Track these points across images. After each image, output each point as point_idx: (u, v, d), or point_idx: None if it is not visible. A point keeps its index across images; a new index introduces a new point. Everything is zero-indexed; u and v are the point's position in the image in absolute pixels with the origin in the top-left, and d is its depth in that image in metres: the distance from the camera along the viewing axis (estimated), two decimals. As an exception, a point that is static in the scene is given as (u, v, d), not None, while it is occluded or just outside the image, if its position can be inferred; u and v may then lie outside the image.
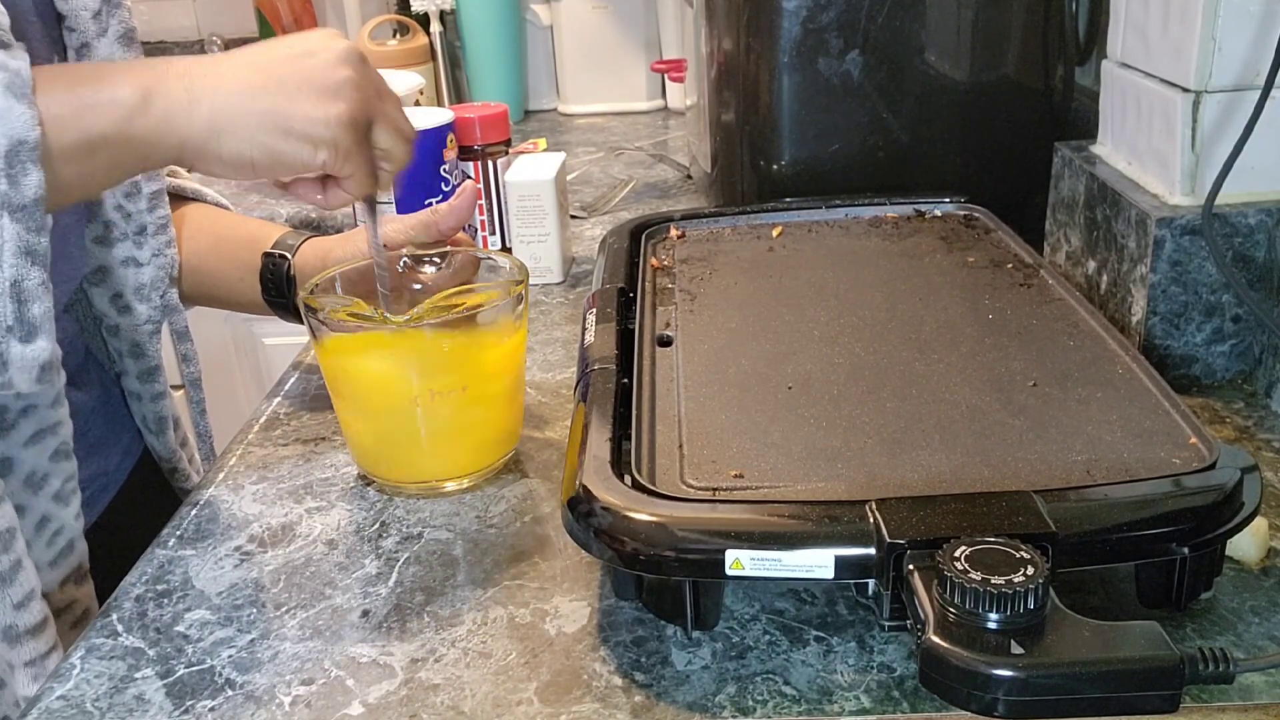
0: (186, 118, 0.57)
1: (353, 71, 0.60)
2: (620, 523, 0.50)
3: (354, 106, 0.60)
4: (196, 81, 0.58)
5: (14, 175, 0.54)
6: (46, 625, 0.64)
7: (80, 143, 0.56)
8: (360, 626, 0.57)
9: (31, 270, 0.55)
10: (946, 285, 0.73)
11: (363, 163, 0.62)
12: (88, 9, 0.69)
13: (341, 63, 0.60)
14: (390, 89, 0.64)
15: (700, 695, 0.50)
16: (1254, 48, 0.68)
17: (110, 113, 0.56)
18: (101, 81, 0.57)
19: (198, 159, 0.59)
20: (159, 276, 0.78)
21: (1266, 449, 0.67)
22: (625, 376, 0.63)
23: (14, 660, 0.63)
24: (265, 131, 0.58)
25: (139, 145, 0.58)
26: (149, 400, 0.81)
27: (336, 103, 0.59)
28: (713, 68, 1.01)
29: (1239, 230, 0.70)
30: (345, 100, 0.59)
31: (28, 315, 0.56)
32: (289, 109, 0.58)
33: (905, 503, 0.49)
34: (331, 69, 0.60)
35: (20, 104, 0.54)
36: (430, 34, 1.66)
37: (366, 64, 0.62)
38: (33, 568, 0.64)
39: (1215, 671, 0.43)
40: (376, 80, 0.63)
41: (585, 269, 1.05)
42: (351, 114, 0.60)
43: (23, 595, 0.63)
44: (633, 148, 1.45)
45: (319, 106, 0.59)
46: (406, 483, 0.69)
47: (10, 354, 0.56)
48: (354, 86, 0.60)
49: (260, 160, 0.59)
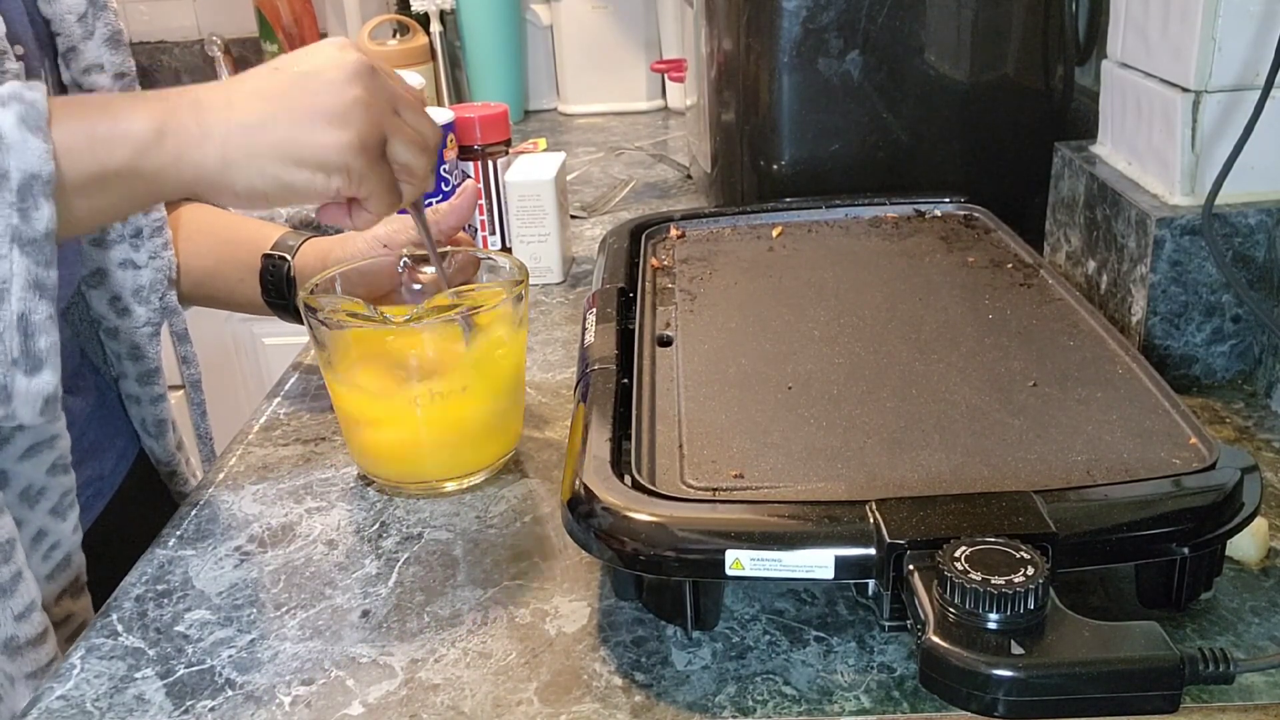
0: (199, 152, 0.57)
1: (362, 90, 0.58)
2: (620, 523, 0.50)
3: (364, 129, 0.58)
4: (207, 114, 0.57)
5: (26, 209, 0.53)
6: (47, 637, 0.64)
7: (93, 177, 0.56)
8: (360, 626, 0.57)
9: (39, 304, 0.55)
10: (946, 285, 0.73)
11: (380, 183, 0.60)
12: (73, 12, 0.69)
13: (350, 82, 0.58)
14: (408, 93, 0.62)
15: (700, 695, 0.50)
16: (1254, 48, 0.68)
17: (123, 147, 0.56)
18: (114, 114, 0.57)
19: (210, 192, 0.58)
20: (157, 279, 0.78)
21: (1266, 449, 0.67)
22: (625, 376, 0.63)
23: (14, 673, 0.63)
24: (276, 164, 0.57)
25: (151, 180, 0.57)
26: (148, 403, 0.81)
27: (346, 128, 0.58)
28: (713, 68, 1.01)
29: (1239, 230, 0.70)
30: (355, 124, 0.58)
31: (34, 349, 0.55)
32: (298, 138, 0.57)
33: (905, 503, 0.49)
34: (340, 91, 0.58)
35: (35, 137, 0.53)
36: (430, 34, 1.66)
37: (377, 76, 0.60)
38: (33, 579, 0.63)
39: (1215, 672, 0.43)
40: (389, 92, 0.60)
41: (585, 269, 1.05)
42: (362, 138, 0.58)
43: (23, 607, 0.62)
44: (633, 148, 1.45)
45: (328, 133, 0.57)
46: (406, 483, 0.69)
47: (15, 387, 0.55)
48: (364, 107, 0.58)
49: (273, 192, 0.59)
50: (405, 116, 0.61)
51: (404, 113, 0.61)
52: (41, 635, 0.63)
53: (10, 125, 0.53)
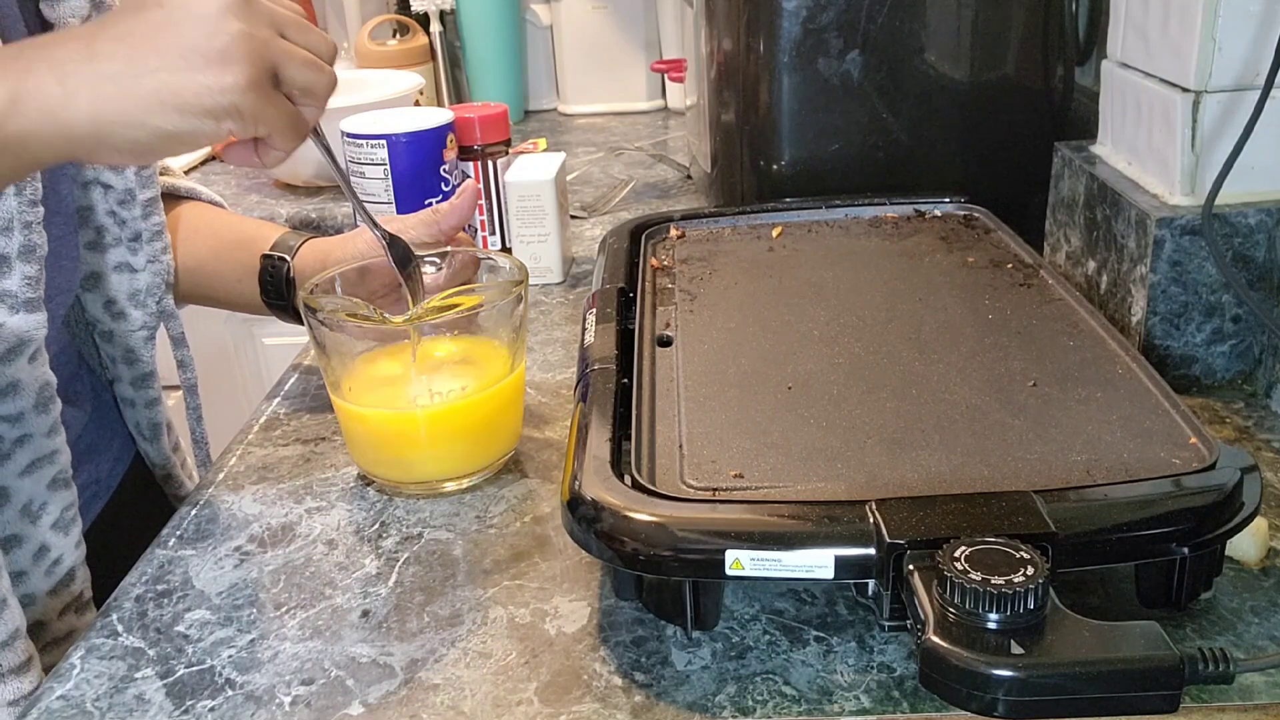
0: (66, 113, 0.51)
1: (239, 20, 0.52)
2: (620, 523, 0.50)
3: (251, 64, 0.52)
4: (68, 69, 0.51)
5: None
6: (31, 665, 0.62)
7: None
8: (360, 626, 0.57)
9: None
10: (946, 285, 0.73)
11: (279, 115, 0.55)
12: (76, 15, 0.68)
13: (223, 14, 0.52)
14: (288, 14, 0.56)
15: (700, 695, 0.50)
16: (1254, 48, 0.68)
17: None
18: None
19: (91, 153, 0.54)
20: (155, 283, 0.77)
21: (1266, 449, 0.67)
22: (625, 376, 0.63)
23: None
24: (156, 114, 0.51)
25: (18, 149, 0.52)
26: (143, 406, 0.80)
27: (228, 66, 0.51)
28: (713, 68, 1.01)
29: (1239, 230, 0.70)
30: (238, 59, 0.52)
31: None
32: (176, 84, 0.51)
33: (905, 503, 0.49)
34: (215, 24, 0.52)
35: None
36: (430, 34, 1.66)
37: (254, 3, 0.53)
38: (18, 605, 0.61)
39: (1215, 671, 0.43)
40: (269, 15, 0.54)
41: (585, 269, 1.05)
42: (249, 75, 0.52)
43: (7, 634, 0.60)
44: (633, 148, 1.45)
45: (209, 74, 0.51)
46: (406, 483, 0.69)
47: None
48: (245, 39, 0.52)
49: (159, 145, 0.53)
50: (292, 36, 0.55)
51: (290, 33, 0.55)
52: (26, 663, 0.61)
53: None
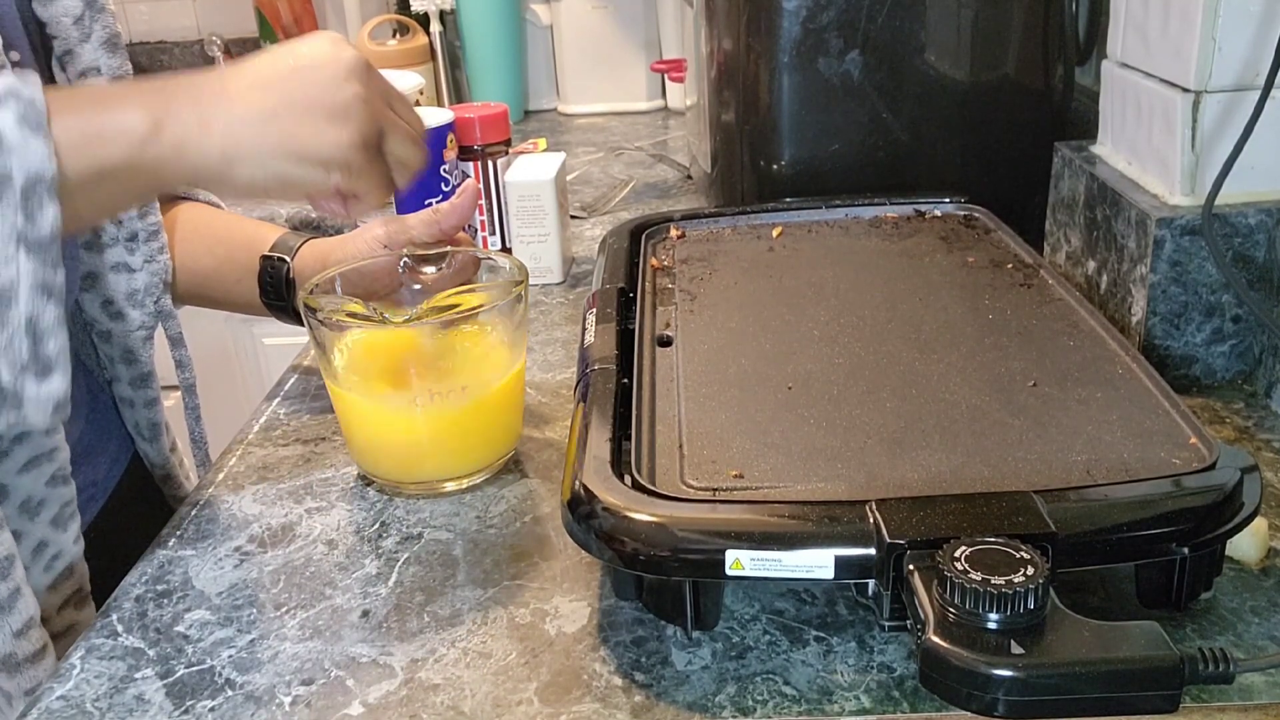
0: (199, 146, 0.57)
1: (360, 86, 0.59)
2: (620, 523, 0.50)
3: (364, 125, 0.59)
4: (206, 107, 0.57)
5: (30, 210, 0.53)
6: (46, 653, 0.63)
7: (92, 173, 0.55)
8: (360, 626, 0.57)
9: (48, 306, 0.54)
10: (946, 285, 0.73)
11: (377, 176, 0.62)
12: (69, 15, 0.68)
13: (348, 77, 0.59)
14: (397, 91, 0.63)
15: (700, 695, 0.50)
16: (1254, 48, 0.68)
17: (121, 141, 0.55)
18: (110, 107, 0.56)
19: (211, 185, 0.59)
20: (152, 282, 0.77)
21: (1266, 449, 0.67)
22: (625, 376, 0.63)
23: (13, 690, 0.62)
24: (278, 158, 0.58)
25: (151, 173, 0.57)
26: (141, 407, 0.80)
27: (347, 124, 0.58)
28: (713, 68, 1.01)
29: (1239, 230, 0.70)
30: (355, 120, 0.59)
31: (44, 353, 0.54)
32: (300, 134, 0.58)
33: (905, 503, 0.49)
34: (339, 86, 0.59)
35: (36, 137, 0.53)
36: (430, 34, 1.66)
37: (372, 72, 0.61)
38: (31, 594, 0.63)
39: (1215, 671, 0.43)
40: (384, 88, 0.62)
41: (585, 269, 1.05)
42: (363, 134, 0.59)
43: (22, 623, 0.62)
44: (633, 148, 1.45)
45: (330, 129, 0.58)
46: (406, 483, 0.69)
47: (26, 392, 0.54)
48: (363, 102, 0.59)
49: (274, 186, 0.59)
50: (398, 109, 0.63)
51: (397, 107, 0.63)
52: (41, 651, 0.63)
53: (10, 126, 0.52)
